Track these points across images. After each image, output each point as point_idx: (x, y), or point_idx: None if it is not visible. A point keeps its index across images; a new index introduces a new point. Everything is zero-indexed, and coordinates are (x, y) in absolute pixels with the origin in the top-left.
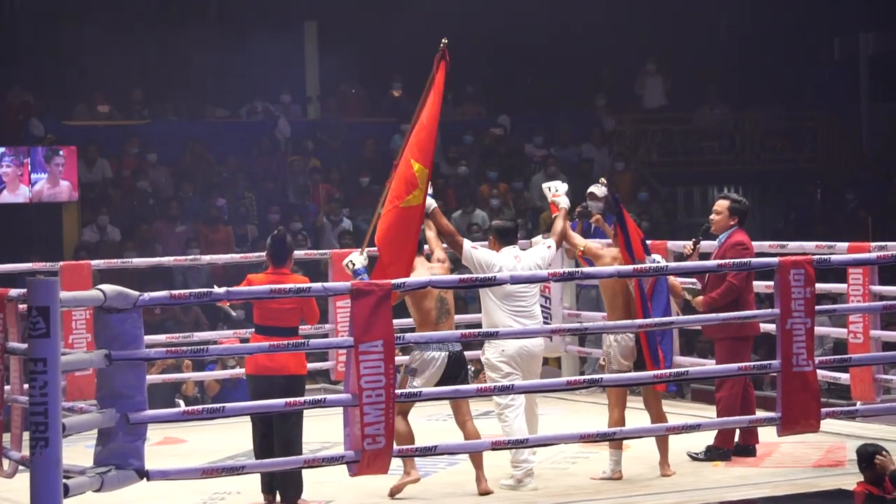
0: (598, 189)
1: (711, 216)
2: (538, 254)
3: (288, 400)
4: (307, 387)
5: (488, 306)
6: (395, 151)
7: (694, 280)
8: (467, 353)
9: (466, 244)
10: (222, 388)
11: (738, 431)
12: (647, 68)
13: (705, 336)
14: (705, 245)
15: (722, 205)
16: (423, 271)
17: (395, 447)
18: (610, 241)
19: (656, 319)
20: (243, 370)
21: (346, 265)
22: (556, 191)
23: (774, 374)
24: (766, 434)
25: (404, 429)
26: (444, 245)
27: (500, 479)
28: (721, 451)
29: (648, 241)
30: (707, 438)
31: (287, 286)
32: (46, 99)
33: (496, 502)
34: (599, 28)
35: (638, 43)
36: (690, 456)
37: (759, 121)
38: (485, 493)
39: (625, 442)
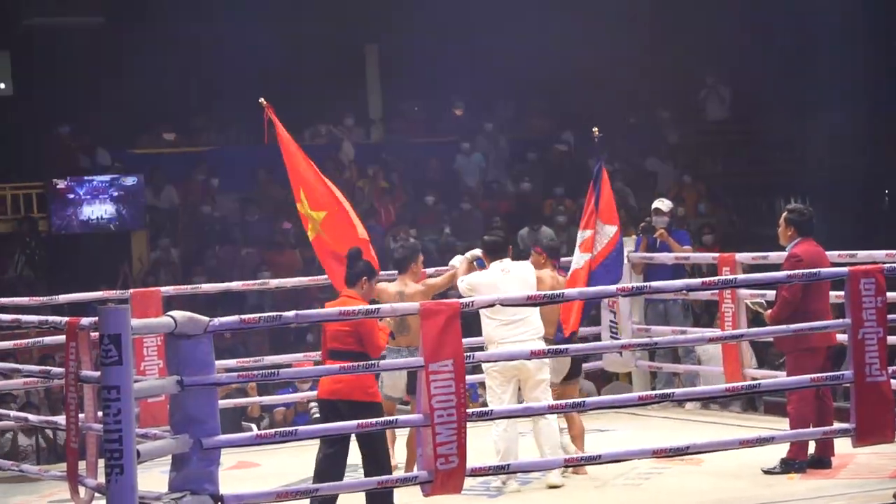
0: (663, 204)
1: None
2: (527, 268)
3: (361, 422)
4: None
5: (482, 318)
6: (458, 171)
7: (763, 293)
8: None
9: (459, 283)
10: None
11: (813, 443)
12: (708, 81)
13: (777, 349)
14: (775, 256)
15: (781, 217)
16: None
17: (467, 466)
18: (676, 254)
19: (729, 332)
20: (313, 392)
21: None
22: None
23: (847, 384)
24: (842, 445)
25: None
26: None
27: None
28: (795, 463)
29: (716, 255)
30: (780, 452)
31: (355, 308)
32: (112, 128)
33: None
34: (661, 41)
35: (699, 55)
36: (765, 471)
37: (824, 129)
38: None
39: (697, 456)
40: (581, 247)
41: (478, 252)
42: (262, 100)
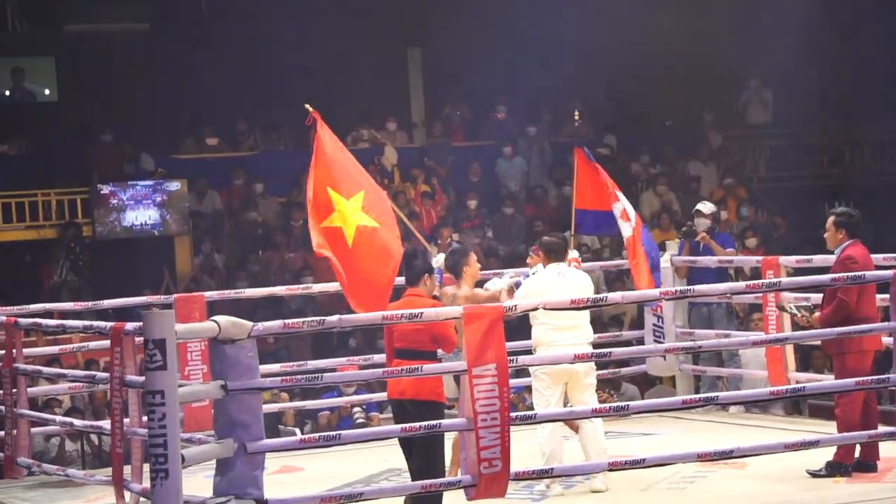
0: (705, 206)
1: (825, 233)
2: (583, 275)
3: (404, 426)
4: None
5: (532, 322)
6: (501, 174)
7: (808, 296)
8: None
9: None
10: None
11: (858, 447)
12: (751, 84)
13: (825, 352)
14: (823, 259)
15: (829, 220)
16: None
17: (511, 470)
18: (719, 257)
19: (773, 336)
20: (356, 396)
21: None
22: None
23: (893, 388)
24: (888, 449)
25: None
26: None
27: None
28: (841, 466)
29: (760, 257)
30: (826, 455)
31: (398, 312)
32: (156, 133)
33: None
34: (704, 44)
35: (742, 58)
36: (810, 473)
37: (869, 133)
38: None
39: (741, 460)
40: (622, 216)
41: (519, 278)
42: (307, 105)
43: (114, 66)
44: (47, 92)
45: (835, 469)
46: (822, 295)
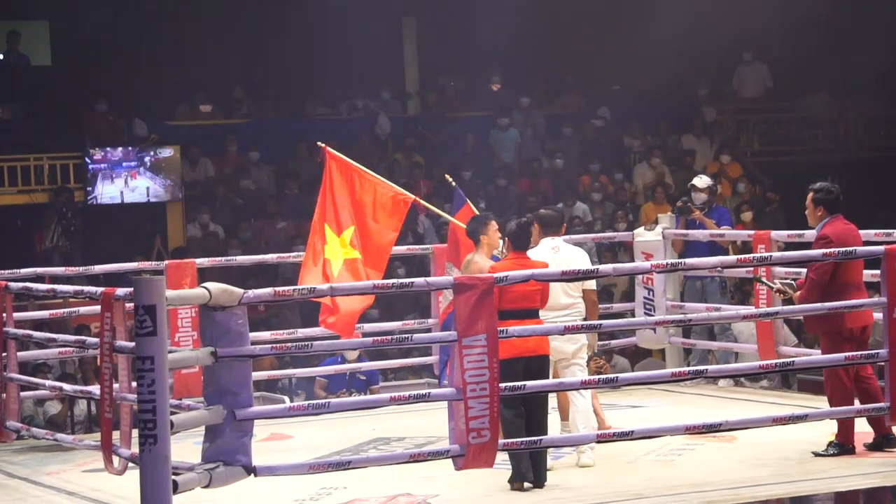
0: (700, 181)
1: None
2: (579, 251)
3: (392, 395)
4: (412, 381)
5: None
6: (495, 146)
7: (799, 272)
8: None
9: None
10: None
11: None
12: (744, 57)
13: (809, 332)
14: (811, 234)
15: (808, 197)
16: None
17: (500, 441)
18: (711, 231)
19: (763, 310)
20: (361, 364)
21: None
22: None
23: (882, 363)
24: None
25: None
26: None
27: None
28: (846, 447)
29: (751, 231)
30: (813, 429)
31: (390, 282)
32: (149, 99)
33: (606, 487)
34: (697, 18)
35: (735, 32)
36: (815, 453)
37: (863, 109)
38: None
39: (730, 433)
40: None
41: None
42: (320, 143)
43: (108, 30)
44: (42, 56)
45: (841, 448)
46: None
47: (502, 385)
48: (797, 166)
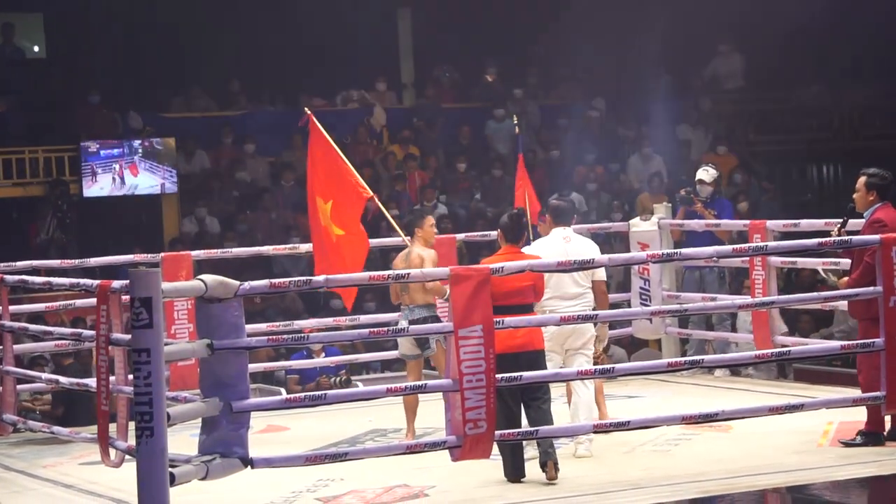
0: (706, 174)
1: (854, 194)
2: (589, 242)
3: (389, 387)
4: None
5: None
6: (490, 137)
7: (837, 262)
8: None
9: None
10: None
11: (889, 417)
12: (720, 49)
13: (852, 317)
14: (854, 223)
15: (860, 181)
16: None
17: (496, 432)
18: (707, 221)
19: (759, 299)
20: (325, 357)
21: None
22: None
23: (879, 352)
24: None
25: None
26: None
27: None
28: (876, 435)
29: (747, 221)
30: (810, 418)
31: (387, 272)
32: (144, 91)
33: (603, 477)
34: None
35: (714, 21)
36: (843, 443)
37: (858, 98)
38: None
39: (726, 423)
40: None
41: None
42: (307, 109)
43: (103, 22)
44: (36, 48)
45: (869, 438)
46: (849, 260)
47: (499, 376)
48: (789, 156)
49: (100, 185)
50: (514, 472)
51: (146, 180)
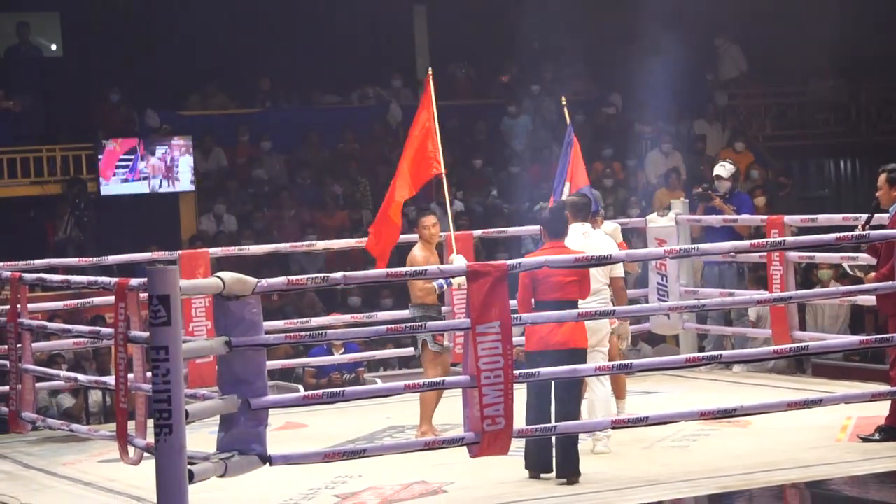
0: (724, 169)
1: (877, 192)
2: (606, 238)
3: (407, 383)
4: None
5: None
6: (506, 133)
7: (861, 256)
8: None
9: None
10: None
11: None
12: (716, 42)
13: (881, 312)
14: (877, 218)
15: (881, 178)
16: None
17: (514, 428)
18: (725, 216)
19: (776, 295)
20: (352, 354)
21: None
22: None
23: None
24: None
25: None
26: None
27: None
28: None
29: (765, 217)
30: (829, 414)
31: (404, 269)
32: (161, 89)
33: (622, 473)
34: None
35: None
36: (862, 438)
37: (875, 91)
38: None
39: (744, 419)
40: None
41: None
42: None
43: (120, 20)
44: (53, 47)
45: (889, 433)
46: (870, 255)
47: (516, 372)
48: (807, 150)
49: (117, 184)
50: (537, 465)
51: (163, 178)
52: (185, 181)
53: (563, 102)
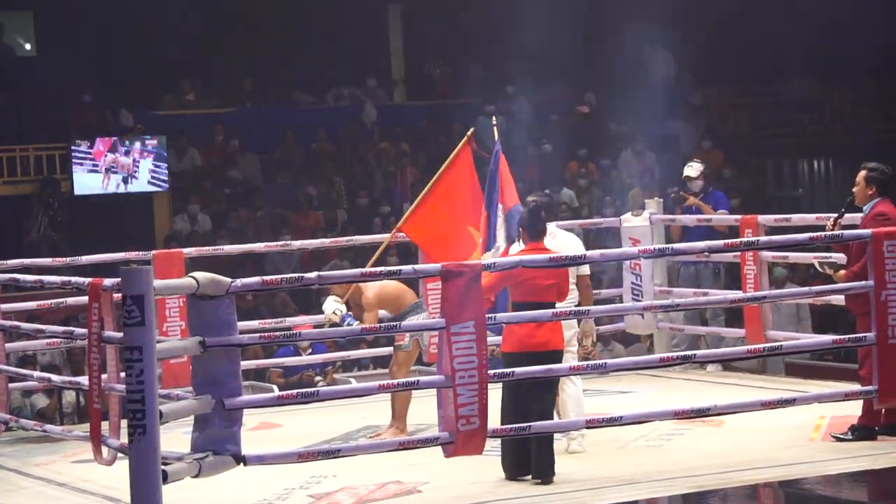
0: (692, 169)
1: (854, 188)
2: (574, 238)
3: (382, 383)
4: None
5: None
6: (481, 133)
7: (837, 255)
8: None
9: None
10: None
11: (883, 410)
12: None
13: (850, 311)
14: (851, 217)
15: (860, 175)
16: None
17: (489, 428)
18: (700, 216)
19: (750, 294)
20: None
21: (334, 313)
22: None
23: (870, 345)
24: None
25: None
26: None
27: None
28: (869, 429)
29: (738, 216)
30: (802, 413)
31: (378, 269)
32: (135, 88)
33: (596, 473)
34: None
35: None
36: (835, 437)
37: (849, 92)
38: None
39: (718, 418)
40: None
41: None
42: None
43: (93, 19)
44: (27, 46)
45: (862, 432)
46: (842, 254)
47: (490, 372)
48: (783, 150)
49: (90, 183)
50: (515, 468)
51: (137, 178)
52: (158, 181)
53: (494, 122)
